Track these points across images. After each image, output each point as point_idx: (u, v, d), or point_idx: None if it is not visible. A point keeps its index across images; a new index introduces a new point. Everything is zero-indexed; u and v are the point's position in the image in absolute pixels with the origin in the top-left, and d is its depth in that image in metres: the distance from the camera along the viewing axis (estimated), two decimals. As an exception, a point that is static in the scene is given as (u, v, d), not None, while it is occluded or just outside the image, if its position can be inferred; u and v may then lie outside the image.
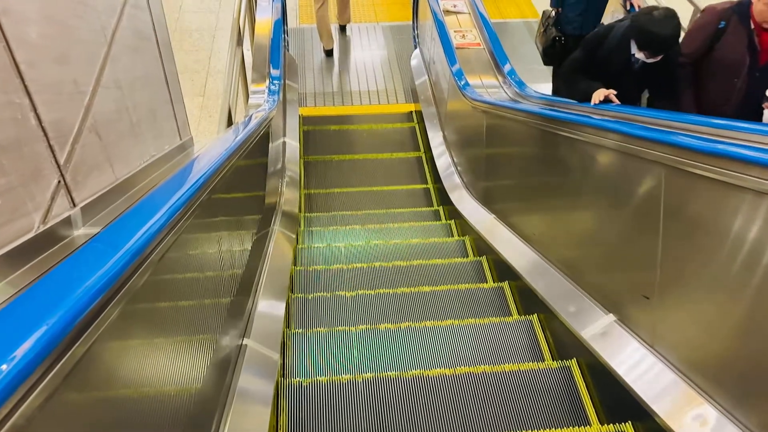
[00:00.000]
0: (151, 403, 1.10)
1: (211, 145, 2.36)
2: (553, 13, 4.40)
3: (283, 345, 2.34)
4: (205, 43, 6.37)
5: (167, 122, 2.04)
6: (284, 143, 4.62)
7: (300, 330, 2.50)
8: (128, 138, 1.64)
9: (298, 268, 3.15)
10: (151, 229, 1.11)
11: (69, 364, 0.70)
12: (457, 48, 4.62)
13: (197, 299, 1.45)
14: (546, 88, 4.90)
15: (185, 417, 1.26)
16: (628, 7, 4.36)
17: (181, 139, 2.20)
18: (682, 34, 2.80)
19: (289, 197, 3.92)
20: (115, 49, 1.54)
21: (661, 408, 1.68)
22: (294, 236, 3.50)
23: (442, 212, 4.28)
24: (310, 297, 2.77)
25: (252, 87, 4.28)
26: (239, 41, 4.49)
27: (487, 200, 3.61)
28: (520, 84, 3.87)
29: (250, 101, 4.12)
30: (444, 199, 4.35)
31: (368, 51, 6.73)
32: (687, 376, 1.66)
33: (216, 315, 1.60)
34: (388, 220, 4.08)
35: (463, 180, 4.22)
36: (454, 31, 4.87)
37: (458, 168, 4.35)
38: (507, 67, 4.20)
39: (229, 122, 3.84)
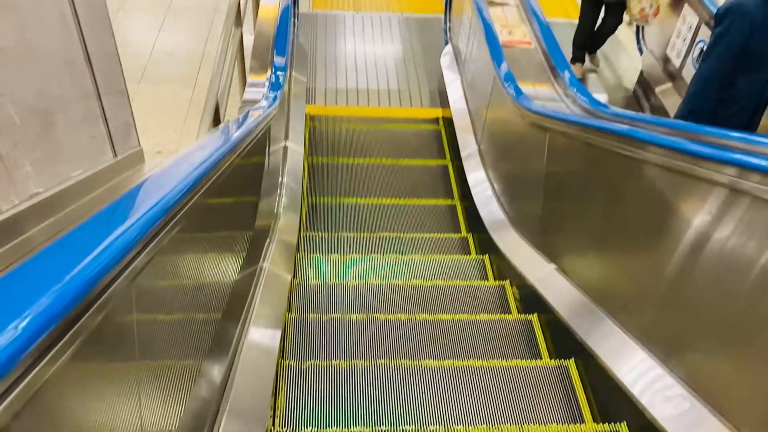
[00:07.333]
0: None
1: (172, 163, 1.55)
2: None
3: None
4: (201, 24, 5.53)
5: (85, 131, 1.23)
6: (286, 148, 3.79)
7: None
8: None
9: (287, 362, 2.11)
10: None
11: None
12: (502, 46, 3.78)
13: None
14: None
15: None
16: None
17: (116, 156, 1.37)
18: None
19: (286, 223, 3.09)
20: None
21: None
22: (289, 278, 2.67)
23: (487, 262, 3.27)
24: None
25: (250, 78, 3.47)
26: (238, 21, 3.68)
27: (549, 247, 2.76)
28: (590, 97, 3.02)
29: (246, 95, 3.30)
30: (474, 220, 3.50)
31: (390, 45, 5.90)
32: None
33: None
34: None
35: (503, 207, 3.39)
36: (500, 26, 4.04)
37: (501, 199, 3.50)
38: (567, 75, 3.35)
39: (216, 121, 3.02)
